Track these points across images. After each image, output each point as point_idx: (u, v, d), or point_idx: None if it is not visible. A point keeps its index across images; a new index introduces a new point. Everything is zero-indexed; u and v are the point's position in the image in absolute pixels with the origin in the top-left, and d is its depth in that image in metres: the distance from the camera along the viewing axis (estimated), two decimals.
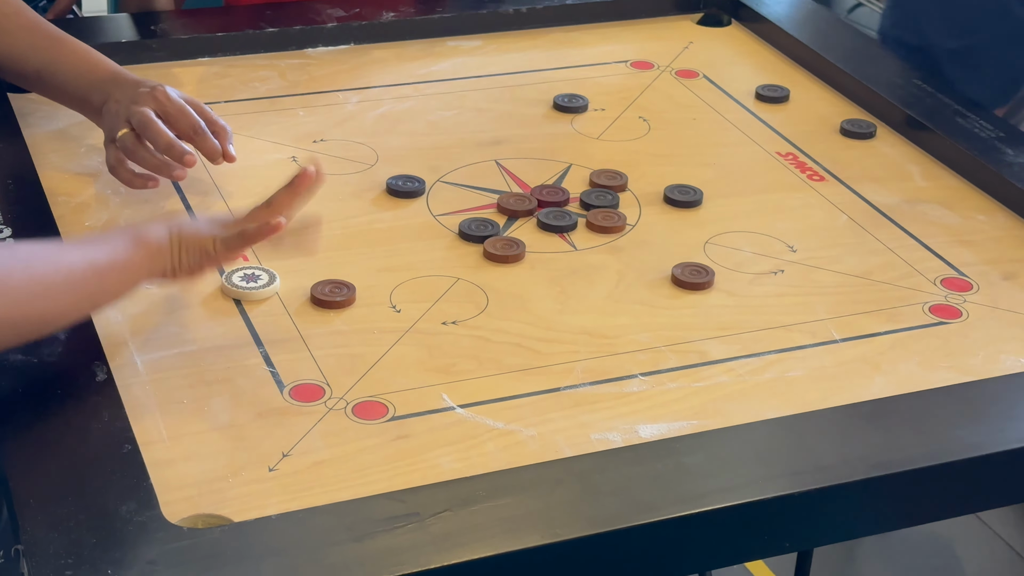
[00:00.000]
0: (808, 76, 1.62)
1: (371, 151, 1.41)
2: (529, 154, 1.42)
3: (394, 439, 1.00)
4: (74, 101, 1.34)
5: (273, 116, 1.47)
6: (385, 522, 0.90)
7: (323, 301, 1.15)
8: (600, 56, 1.65)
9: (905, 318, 1.18)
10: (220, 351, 1.09)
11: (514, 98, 1.54)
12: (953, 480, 1.01)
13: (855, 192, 1.38)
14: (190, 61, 1.56)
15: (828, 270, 1.25)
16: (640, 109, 1.53)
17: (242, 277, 1.16)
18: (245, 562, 0.86)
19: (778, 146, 1.47)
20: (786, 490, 0.96)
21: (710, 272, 1.22)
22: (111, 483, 0.92)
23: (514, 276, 1.21)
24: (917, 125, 1.48)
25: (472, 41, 1.66)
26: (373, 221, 1.29)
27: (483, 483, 0.94)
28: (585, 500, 0.93)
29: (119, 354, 1.07)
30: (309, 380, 1.06)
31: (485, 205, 1.32)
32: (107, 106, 1.29)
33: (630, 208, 1.33)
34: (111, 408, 0.99)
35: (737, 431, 1.01)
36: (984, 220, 1.35)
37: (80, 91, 1.32)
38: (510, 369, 1.09)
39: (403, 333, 1.12)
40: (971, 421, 1.03)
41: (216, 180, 1.33)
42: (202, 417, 1.02)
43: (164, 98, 1.27)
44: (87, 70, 1.32)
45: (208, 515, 0.92)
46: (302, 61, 1.58)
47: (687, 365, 1.10)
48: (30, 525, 0.88)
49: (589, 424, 1.03)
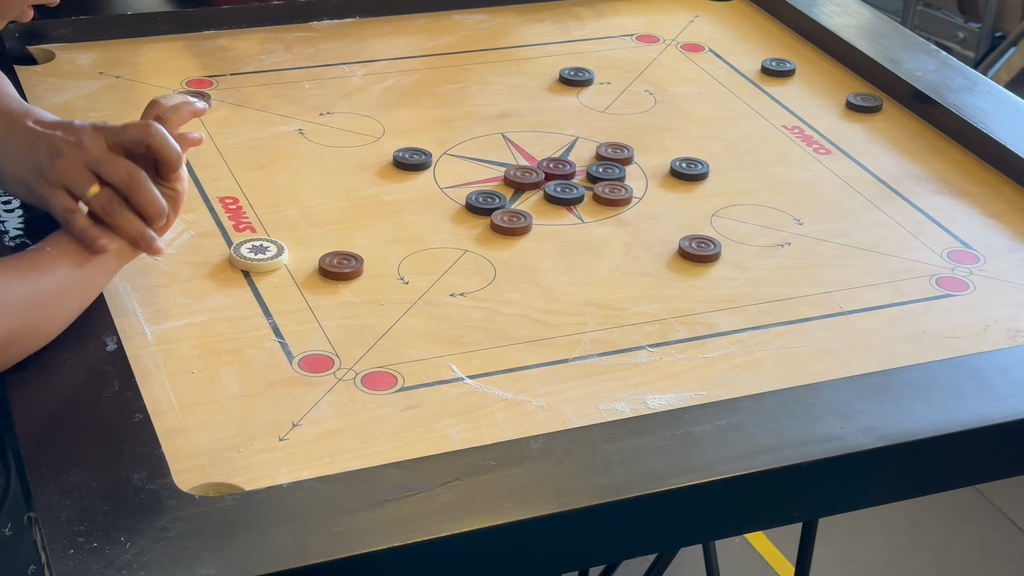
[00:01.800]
0: (814, 50, 1.62)
1: (377, 124, 1.41)
2: (535, 127, 1.42)
3: (403, 409, 1.01)
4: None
5: (280, 89, 1.47)
6: (395, 491, 0.90)
7: (331, 272, 1.15)
8: (606, 30, 1.65)
9: (912, 290, 1.19)
10: (229, 322, 1.09)
11: (520, 71, 1.54)
12: (959, 451, 1.02)
13: (861, 165, 1.38)
14: (195, 34, 1.56)
15: (834, 243, 1.25)
16: (646, 82, 1.53)
17: (250, 248, 1.17)
18: (257, 530, 0.87)
19: (784, 120, 1.47)
20: (793, 461, 0.96)
21: (717, 244, 1.22)
22: (122, 452, 0.93)
23: (521, 248, 1.22)
24: (923, 99, 1.48)
25: (477, 15, 1.66)
26: (380, 193, 1.29)
27: (492, 452, 0.95)
28: (593, 470, 0.94)
29: (129, 324, 1.07)
30: (318, 351, 1.07)
31: (492, 178, 1.32)
32: (27, 138, 1.08)
33: (636, 181, 1.33)
34: (121, 378, 1.00)
35: (744, 402, 1.02)
36: (991, 193, 1.35)
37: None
38: (518, 340, 1.09)
39: (411, 305, 1.13)
40: (977, 392, 1.04)
41: (222, 152, 1.33)
42: (212, 387, 1.02)
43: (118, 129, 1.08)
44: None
45: (219, 484, 0.92)
46: (308, 34, 1.58)
47: (694, 337, 1.11)
48: (42, 493, 0.88)
49: (597, 395, 1.03)
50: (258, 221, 1.22)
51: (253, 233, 1.20)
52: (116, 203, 1.06)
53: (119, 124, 1.08)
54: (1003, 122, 1.42)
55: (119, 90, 1.44)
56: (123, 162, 1.06)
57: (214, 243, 1.19)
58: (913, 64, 1.54)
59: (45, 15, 1.50)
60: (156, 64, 1.50)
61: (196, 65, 1.50)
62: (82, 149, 1.06)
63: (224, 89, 1.45)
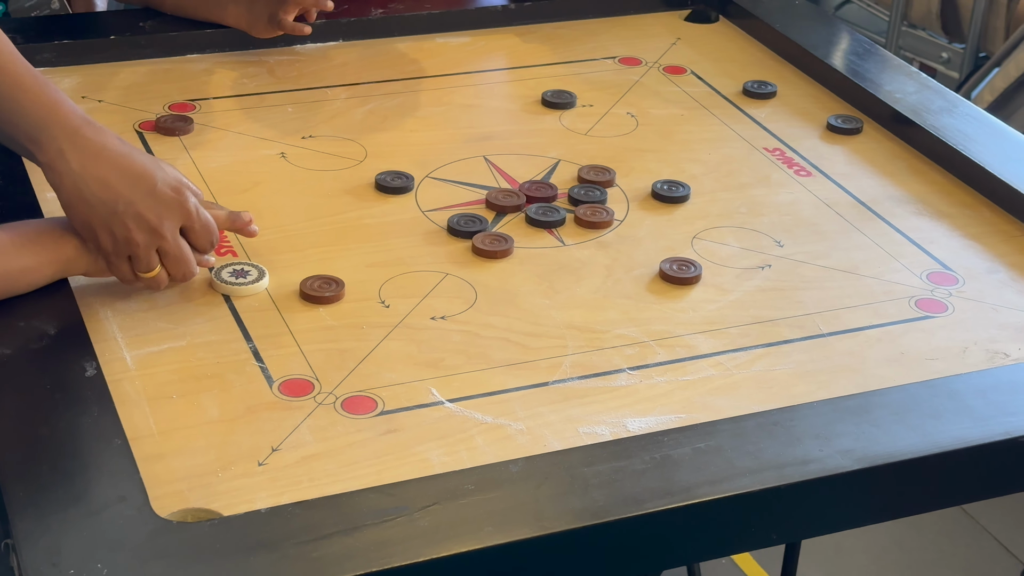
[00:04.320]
0: (795, 72, 1.63)
1: (360, 147, 1.41)
2: (517, 150, 1.43)
3: (383, 433, 1.01)
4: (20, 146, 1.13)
5: (262, 112, 1.47)
6: (374, 515, 0.90)
7: (312, 296, 1.15)
8: (588, 52, 1.66)
9: (891, 312, 1.19)
10: (210, 346, 1.09)
11: (502, 94, 1.55)
12: (939, 472, 1.02)
13: (842, 187, 1.39)
14: (178, 58, 1.56)
15: (815, 265, 1.25)
16: (628, 105, 1.54)
17: (231, 273, 1.17)
18: (234, 556, 0.87)
19: (765, 142, 1.47)
20: (772, 483, 0.96)
21: (698, 267, 1.22)
22: (101, 477, 0.92)
23: (502, 271, 1.22)
24: (903, 121, 1.49)
25: (460, 37, 1.67)
26: (362, 217, 1.29)
27: (472, 477, 0.95)
28: (573, 493, 0.94)
29: (108, 349, 1.07)
30: (298, 375, 1.07)
31: (474, 201, 1.32)
32: (106, 195, 1.08)
33: (618, 203, 1.33)
34: (100, 403, 1.00)
35: (723, 424, 1.02)
36: (970, 214, 1.35)
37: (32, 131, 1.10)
38: (498, 364, 1.09)
39: (392, 328, 1.13)
40: (956, 414, 1.04)
41: (205, 176, 1.34)
42: (192, 412, 1.02)
43: (195, 213, 1.12)
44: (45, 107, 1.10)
45: (197, 509, 0.92)
46: (291, 57, 1.59)
47: (674, 359, 1.11)
48: (20, 519, 0.88)
49: (577, 418, 1.04)
50: (239, 245, 1.22)
51: (235, 257, 1.20)
52: (164, 284, 1.13)
53: (196, 210, 1.11)
54: (982, 144, 1.43)
55: (102, 114, 1.44)
56: (188, 263, 1.12)
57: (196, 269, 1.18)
58: (893, 86, 1.55)
59: (29, 39, 1.51)
60: (139, 88, 1.50)
61: (179, 89, 1.50)
62: (160, 237, 1.10)
63: (206, 113, 1.45)
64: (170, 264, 1.12)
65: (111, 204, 1.08)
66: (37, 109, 1.10)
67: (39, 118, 1.09)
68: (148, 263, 1.11)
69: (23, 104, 1.09)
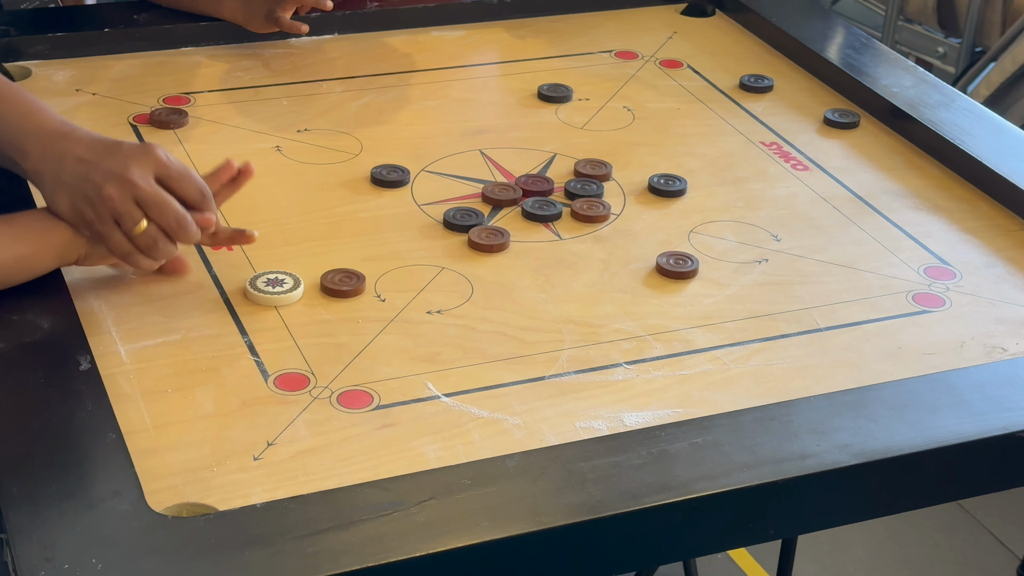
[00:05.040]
0: (792, 66, 1.63)
1: (355, 141, 1.40)
2: (513, 144, 1.42)
3: (379, 428, 1.01)
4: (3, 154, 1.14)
5: (257, 106, 1.46)
6: (370, 510, 0.90)
7: (333, 290, 1.14)
8: (584, 46, 1.65)
9: (888, 307, 1.19)
10: (204, 340, 1.09)
11: (498, 88, 1.54)
12: (936, 467, 1.02)
13: (839, 181, 1.39)
14: (173, 51, 1.56)
15: (812, 259, 1.25)
16: (624, 99, 1.53)
17: (266, 282, 1.15)
18: (229, 551, 0.86)
19: (762, 136, 1.47)
20: (769, 478, 0.96)
21: (694, 261, 1.22)
22: (95, 472, 0.92)
23: (499, 265, 1.21)
24: (900, 115, 1.48)
25: (456, 31, 1.66)
26: (357, 210, 1.29)
27: (468, 471, 0.94)
28: (569, 488, 0.93)
29: (103, 343, 1.07)
30: (294, 369, 1.06)
31: (470, 194, 1.32)
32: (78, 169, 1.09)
33: (614, 197, 1.33)
34: (95, 397, 0.99)
35: (720, 419, 1.02)
36: (967, 208, 1.35)
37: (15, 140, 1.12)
38: (495, 358, 1.09)
39: (388, 322, 1.12)
40: (953, 409, 1.04)
41: (199, 169, 1.32)
42: (186, 406, 1.01)
43: (166, 160, 1.10)
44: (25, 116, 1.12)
45: (192, 504, 0.92)
46: (286, 51, 1.58)
47: (671, 354, 1.11)
48: (14, 514, 0.87)
49: (574, 412, 1.03)
50: None
51: (229, 251, 1.20)
52: (161, 241, 1.10)
53: (167, 158, 1.10)
54: (979, 138, 1.42)
55: (96, 107, 1.43)
56: (172, 207, 1.09)
57: (190, 261, 1.18)
58: (890, 80, 1.54)
59: (22, 31, 1.50)
60: (133, 81, 1.49)
61: (173, 82, 1.49)
62: (131, 184, 1.08)
63: (201, 106, 1.45)
64: (155, 213, 1.08)
65: (84, 174, 1.08)
66: (19, 119, 1.12)
67: (21, 128, 1.11)
68: (131, 216, 1.08)
69: (5, 114, 1.12)
